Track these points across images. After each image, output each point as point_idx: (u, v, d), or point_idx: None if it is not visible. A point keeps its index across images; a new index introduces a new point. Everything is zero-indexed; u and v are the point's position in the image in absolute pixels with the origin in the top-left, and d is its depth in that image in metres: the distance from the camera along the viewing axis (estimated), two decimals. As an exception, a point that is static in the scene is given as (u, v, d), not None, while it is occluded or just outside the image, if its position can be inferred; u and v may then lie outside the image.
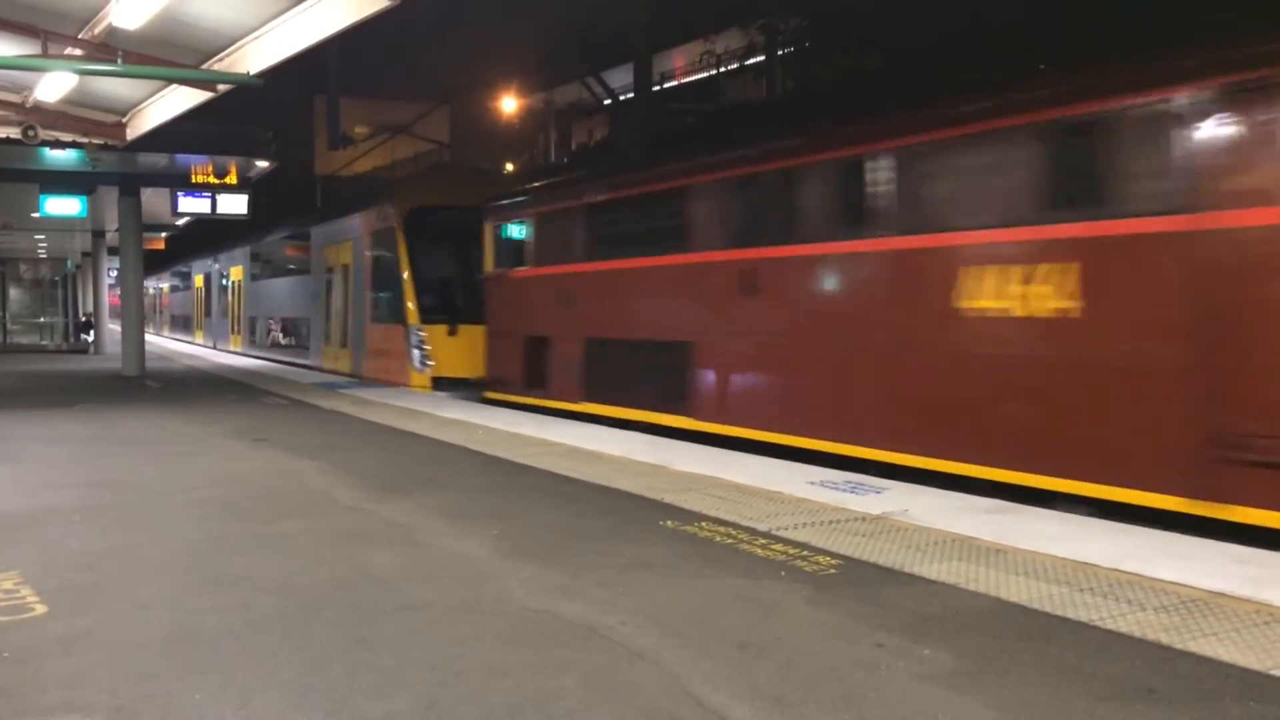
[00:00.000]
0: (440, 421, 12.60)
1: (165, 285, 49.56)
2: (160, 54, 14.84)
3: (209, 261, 36.43)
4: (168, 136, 18.62)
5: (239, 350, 30.72)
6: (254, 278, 30.09)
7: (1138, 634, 4.39)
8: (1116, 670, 4.00)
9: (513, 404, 14.85)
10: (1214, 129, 6.63)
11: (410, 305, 17.31)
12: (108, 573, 5.58)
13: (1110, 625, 4.52)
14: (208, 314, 37.34)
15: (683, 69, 28.41)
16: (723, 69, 25.30)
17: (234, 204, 21.53)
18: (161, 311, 51.91)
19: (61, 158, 19.73)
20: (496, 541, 6.25)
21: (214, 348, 34.52)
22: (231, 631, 4.53)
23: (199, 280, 39.51)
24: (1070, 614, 4.69)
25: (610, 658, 4.19)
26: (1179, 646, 4.23)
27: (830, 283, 9.85)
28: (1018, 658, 4.15)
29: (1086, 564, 5.54)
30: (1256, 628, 4.45)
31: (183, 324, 43.85)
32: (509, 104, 30.15)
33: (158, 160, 20.55)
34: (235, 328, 31.95)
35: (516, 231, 15.52)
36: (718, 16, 22.64)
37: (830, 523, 6.65)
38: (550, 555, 5.89)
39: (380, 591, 5.17)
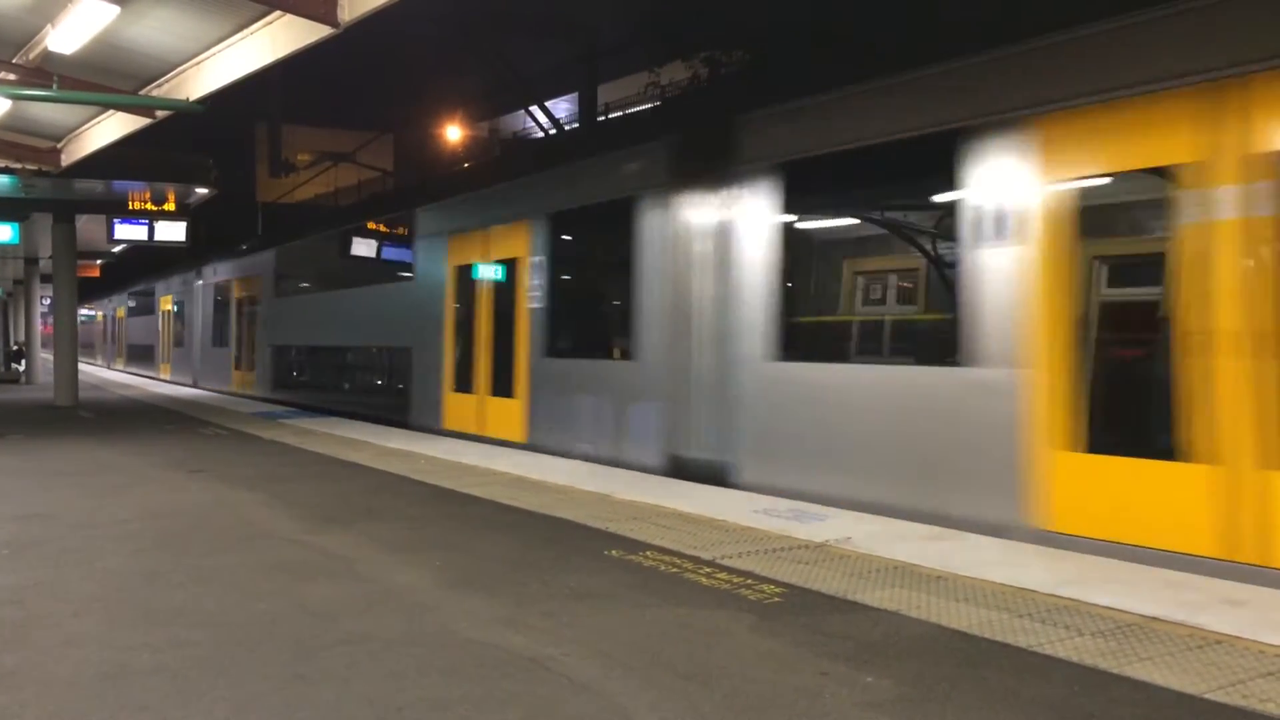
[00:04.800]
0: (383, 451, 12.46)
1: (121, 309, 43.47)
2: (98, 79, 14.68)
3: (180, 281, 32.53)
4: (105, 162, 18.37)
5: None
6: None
7: (1075, 659, 4.46)
8: (1055, 695, 4.05)
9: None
10: None
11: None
12: (36, 608, 5.42)
13: (1049, 651, 4.58)
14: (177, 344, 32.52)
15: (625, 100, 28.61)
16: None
17: (172, 231, 21.22)
18: (111, 341, 46.32)
19: (-7, 183, 19.33)
20: (439, 572, 6.18)
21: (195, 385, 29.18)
22: (165, 668, 4.42)
23: (165, 303, 34.77)
24: (1010, 640, 4.75)
25: (554, 689, 4.16)
26: (1116, 671, 4.30)
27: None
28: (959, 684, 4.19)
29: (1025, 589, 5.61)
30: (1191, 651, 4.53)
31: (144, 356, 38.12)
32: (453, 133, 30.12)
33: (94, 187, 20.23)
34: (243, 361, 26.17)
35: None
36: (662, 49, 22.84)
37: (774, 551, 6.67)
38: (494, 586, 5.84)
39: (319, 625, 5.08)
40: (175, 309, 32.69)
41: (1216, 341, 6.22)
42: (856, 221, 9.32)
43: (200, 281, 29.42)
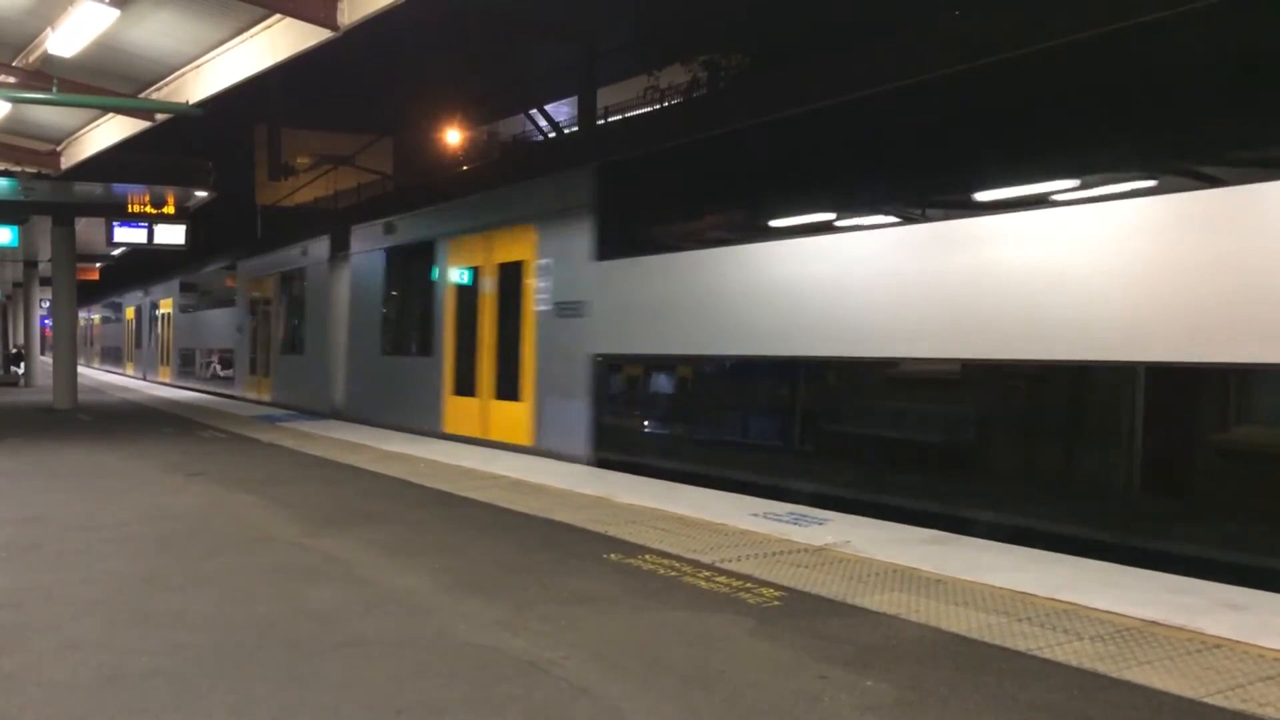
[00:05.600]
0: (382, 454, 12.46)
1: (167, 302, 34.59)
2: (97, 82, 14.69)
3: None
4: (104, 165, 18.39)
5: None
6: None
7: (1074, 663, 4.45)
8: (1054, 699, 4.05)
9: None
10: None
11: None
12: (34, 611, 5.42)
13: (1047, 654, 4.58)
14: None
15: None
16: (666, 104, 25.52)
17: (172, 234, 21.22)
18: (147, 345, 37.96)
19: (-8, 186, 19.33)
20: (438, 576, 6.18)
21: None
22: (163, 671, 4.42)
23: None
24: (1009, 644, 4.74)
25: (553, 693, 4.15)
26: (1114, 675, 4.29)
27: None
28: (958, 688, 4.18)
29: (1024, 594, 5.61)
30: (1190, 655, 4.53)
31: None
32: (453, 136, 30.13)
33: (93, 189, 20.25)
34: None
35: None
36: (661, 53, 22.85)
37: (773, 554, 6.67)
38: (492, 589, 5.84)
39: (318, 628, 5.08)
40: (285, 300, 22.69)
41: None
42: None
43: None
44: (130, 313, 42.11)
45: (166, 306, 34.38)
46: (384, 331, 17.32)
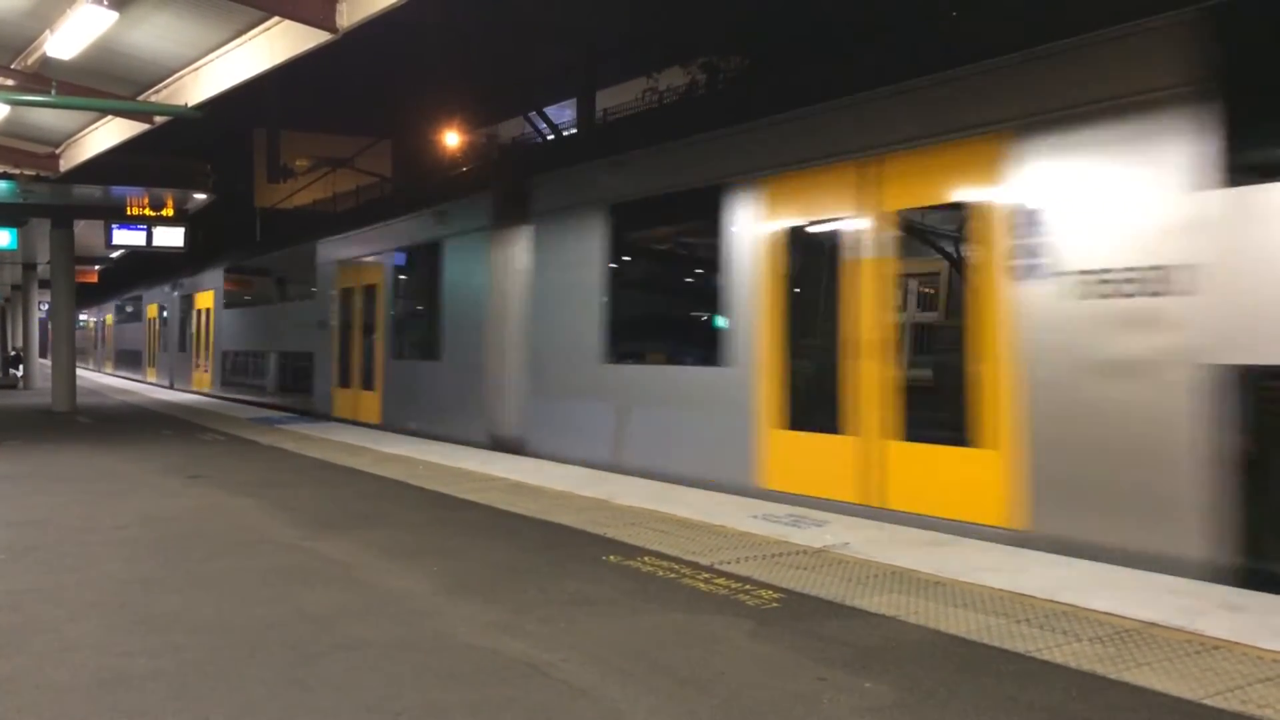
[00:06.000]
0: (382, 457, 12.46)
1: (205, 296, 29.11)
2: (96, 85, 14.69)
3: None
4: (103, 168, 18.39)
5: None
6: None
7: (1073, 664, 4.45)
8: (1053, 701, 4.05)
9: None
10: None
11: None
12: (33, 614, 5.42)
13: (1047, 656, 4.58)
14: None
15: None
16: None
17: (170, 236, 21.23)
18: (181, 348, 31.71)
19: (-9, 189, 19.33)
20: (436, 578, 6.18)
21: None
22: (162, 674, 4.42)
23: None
24: (1008, 645, 4.74)
25: (552, 695, 4.15)
26: (1114, 676, 4.29)
27: None
28: (958, 690, 4.18)
29: (1023, 595, 5.61)
30: (1189, 657, 4.53)
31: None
32: (451, 138, 30.14)
33: (92, 192, 20.25)
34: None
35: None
36: (660, 55, 22.88)
37: (772, 556, 6.67)
38: (491, 592, 5.83)
39: (317, 630, 5.07)
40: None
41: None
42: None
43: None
44: (152, 310, 36.22)
45: (204, 301, 28.87)
46: (608, 328, 11.56)
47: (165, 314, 34.20)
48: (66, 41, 12.41)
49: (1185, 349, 6.30)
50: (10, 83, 14.59)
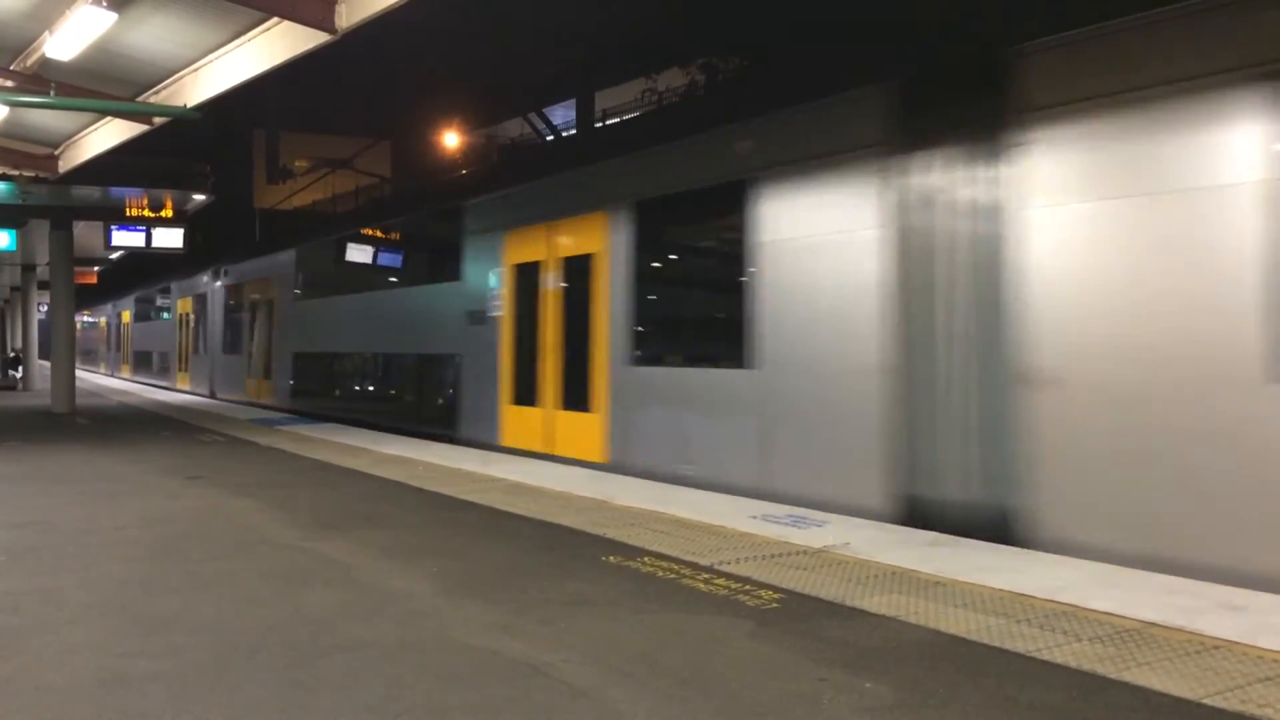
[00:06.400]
0: (381, 458, 12.45)
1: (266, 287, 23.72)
2: (95, 86, 14.70)
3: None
4: (102, 169, 18.40)
5: None
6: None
7: (1074, 665, 4.45)
8: (1054, 701, 4.05)
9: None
10: None
11: None
12: (33, 615, 5.41)
13: (1047, 656, 4.58)
14: None
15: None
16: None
17: (170, 238, 21.21)
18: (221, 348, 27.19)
19: (-10, 190, 19.34)
20: (437, 579, 6.17)
21: None
22: (162, 675, 4.41)
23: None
24: (1008, 645, 4.74)
25: (552, 696, 4.15)
26: (1114, 677, 4.29)
27: None
28: (958, 690, 4.18)
29: (1023, 595, 5.61)
30: (1189, 657, 4.53)
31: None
32: (451, 139, 30.14)
33: (91, 193, 20.25)
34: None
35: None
36: (659, 56, 22.89)
37: (772, 557, 6.67)
38: (491, 592, 5.83)
39: (317, 631, 5.07)
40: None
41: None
42: None
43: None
44: (185, 305, 30.95)
45: (261, 293, 23.75)
46: None
47: (202, 309, 28.86)
48: (66, 43, 12.41)
49: None
50: (9, 84, 14.59)
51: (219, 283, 27.21)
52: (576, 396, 12.12)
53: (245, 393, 24.82)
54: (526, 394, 13.06)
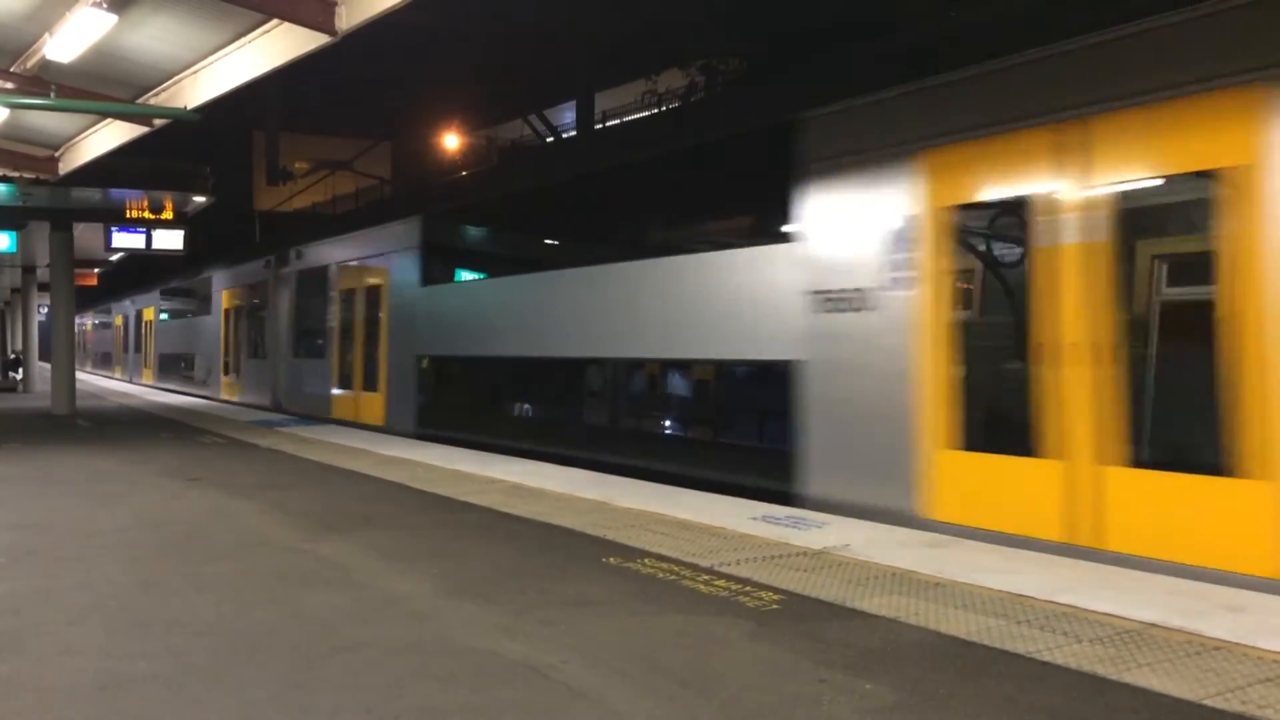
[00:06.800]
0: (382, 459, 12.45)
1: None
2: (95, 88, 14.70)
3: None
4: (102, 171, 18.38)
5: None
6: None
7: (1074, 666, 4.45)
8: (1054, 702, 4.05)
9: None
10: None
11: None
12: (33, 616, 5.41)
13: (1047, 657, 4.57)
14: None
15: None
16: (664, 108, 25.58)
17: (170, 239, 21.22)
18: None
19: (-9, 192, 19.34)
20: (437, 580, 6.17)
21: None
22: (162, 677, 4.41)
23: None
24: (1008, 646, 4.74)
25: (552, 697, 4.15)
26: (1114, 678, 4.29)
27: None
28: (958, 691, 4.18)
29: (1023, 596, 5.61)
30: (1189, 658, 4.53)
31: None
32: (451, 141, 30.15)
33: (91, 195, 20.24)
34: None
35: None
36: (659, 57, 22.91)
37: (772, 558, 6.66)
38: (492, 594, 5.83)
39: (317, 633, 5.07)
40: None
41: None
42: None
43: None
44: (231, 297, 25.83)
45: (370, 279, 17.92)
46: None
47: (260, 301, 23.61)
48: (66, 44, 12.41)
49: None
50: (10, 86, 14.59)
51: (291, 267, 21.54)
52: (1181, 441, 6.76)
53: (343, 412, 18.72)
54: (1004, 433, 7.55)
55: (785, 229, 9.40)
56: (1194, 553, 6.18)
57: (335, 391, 19.14)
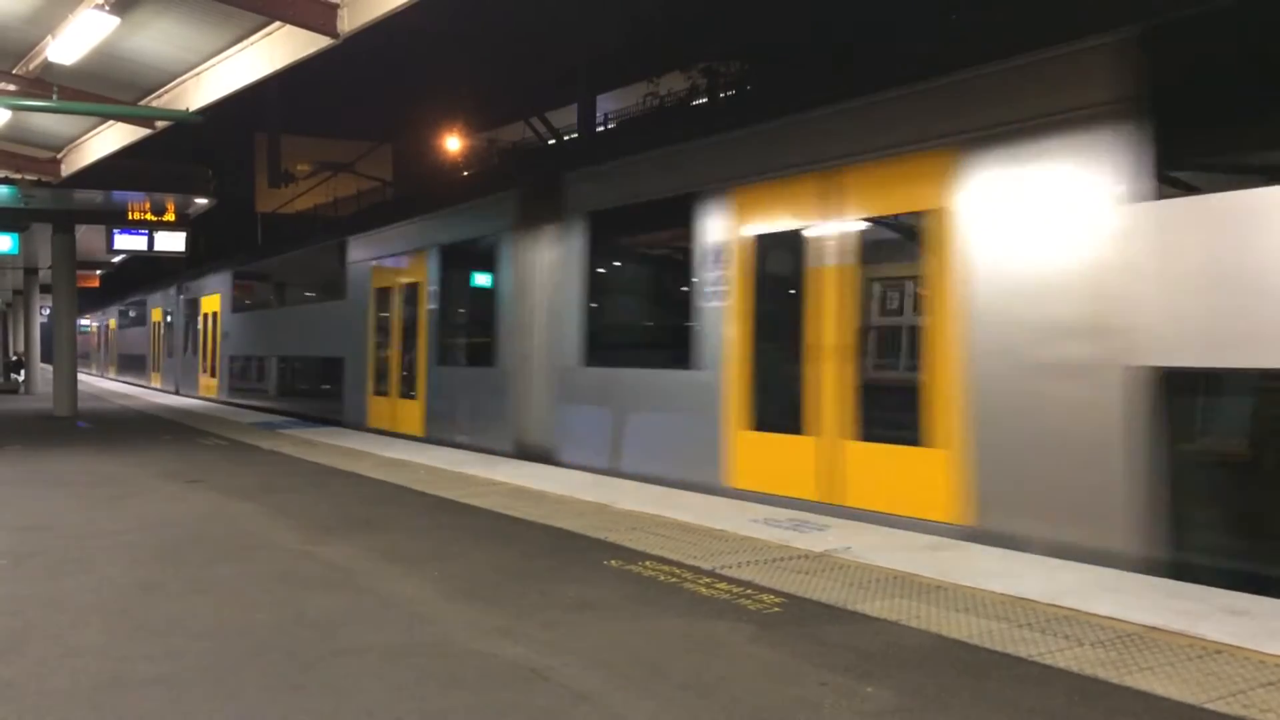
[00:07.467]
0: (383, 461, 12.45)
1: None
2: (98, 90, 14.71)
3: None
4: (104, 173, 18.40)
5: None
6: None
7: (1075, 669, 4.45)
8: (1055, 706, 4.04)
9: None
10: None
11: None
12: (34, 619, 5.41)
13: (1048, 661, 4.57)
14: None
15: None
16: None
17: (172, 241, 21.24)
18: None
19: (-7, 194, 19.36)
20: (438, 583, 6.17)
21: None
22: (163, 679, 4.41)
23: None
24: (1009, 650, 4.74)
25: (553, 700, 4.14)
26: (1115, 681, 4.29)
27: None
28: (959, 694, 4.18)
29: (1024, 599, 5.60)
30: (1190, 661, 4.52)
31: None
32: (452, 143, 30.17)
33: (93, 197, 20.25)
34: None
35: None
36: (661, 59, 22.92)
37: (773, 560, 6.66)
38: (493, 596, 5.83)
39: (318, 636, 5.07)
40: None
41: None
42: None
43: None
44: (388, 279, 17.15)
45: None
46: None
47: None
48: (68, 47, 12.42)
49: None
50: (12, 88, 14.60)
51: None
52: None
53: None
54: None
55: None
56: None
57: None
